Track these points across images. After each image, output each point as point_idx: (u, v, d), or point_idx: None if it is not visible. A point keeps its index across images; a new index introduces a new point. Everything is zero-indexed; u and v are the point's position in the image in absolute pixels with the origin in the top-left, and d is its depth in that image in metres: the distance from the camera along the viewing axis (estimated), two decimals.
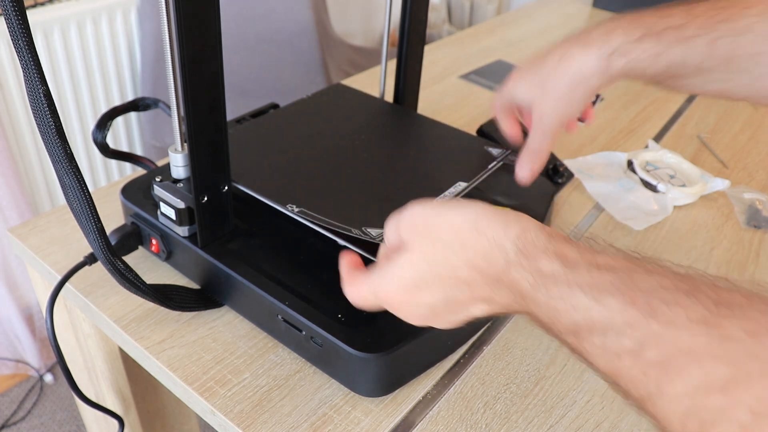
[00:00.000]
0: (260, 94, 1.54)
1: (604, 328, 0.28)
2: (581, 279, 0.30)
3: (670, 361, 0.26)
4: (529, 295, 0.32)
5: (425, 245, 0.35)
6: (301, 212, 0.49)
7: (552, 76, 0.49)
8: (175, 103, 0.47)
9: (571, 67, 0.48)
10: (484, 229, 0.34)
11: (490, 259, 0.33)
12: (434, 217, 0.36)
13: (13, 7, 0.34)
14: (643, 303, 0.27)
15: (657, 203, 0.71)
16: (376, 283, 0.38)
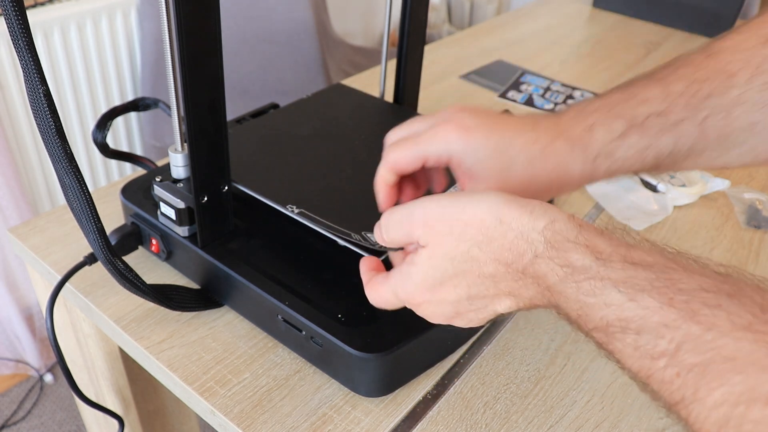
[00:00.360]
0: (260, 94, 1.54)
1: (639, 328, 0.27)
2: (615, 275, 0.29)
3: (709, 367, 0.24)
4: (556, 288, 0.31)
5: (446, 242, 0.34)
6: (301, 213, 0.49)
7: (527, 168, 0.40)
8: (175, 103, 0.47)
9: (558, 166, 0.40)
10: (509, 220, 0.32)
11: (516, 251, 0.32)
12: (452, 211, 0.34)
13: (13, 7, 0.34)
14: (683, 304, 0.26)
15: (657, 203, 0.71)
16: (397, 285, 0.37)
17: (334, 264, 0.51)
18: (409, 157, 0.42)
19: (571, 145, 0.39)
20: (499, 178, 0.40)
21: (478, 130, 0.40)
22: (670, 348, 0.26)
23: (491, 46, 1.17)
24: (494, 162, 0.39)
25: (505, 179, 0.40)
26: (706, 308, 0.26)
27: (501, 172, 0.39)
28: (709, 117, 0.37)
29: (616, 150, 0.39)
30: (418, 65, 0.70)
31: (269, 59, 1.55)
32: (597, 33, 1.27)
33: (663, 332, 0.26)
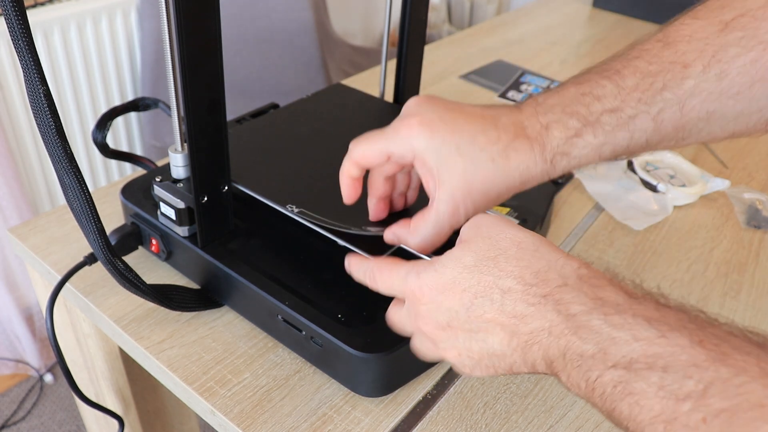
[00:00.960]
0: (260, 94, 1.54)
1: (666, 365, 0.26)
2: (647, 312, 0.28)
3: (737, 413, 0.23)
4: (579, 318, 0.30)
5: (482, 242, 0.35)
6: (301, 212, 0.49)
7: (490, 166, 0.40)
8: (175, 103, 0.47)
9: (520, 165, 0.40)
10: (545, 251, 0.33)
11: (541, 277, 0.32)
12: (499, 224, 0.35)
13: (13, 7, 0.34)
14: (713, 346, 0.25)
15: (657, 203, 0.71)
16: (411, 271, 0.37)
17: (334, 264, 0.51)
18: (373, 151, 0.42)
19: (530, 144, 0.40)
20: (462, 179, 0.39)
21: (441, 126, 0.40)
22: (697, 390, 0.25)
23: (491, 46, 1.17)
24: (456, 160, 0.39)
25: (469, 180, 0.39)
26: (737, 353, 0.25)
27: (464, 172, 0.39)
28: (664, 110, 0.37)
29: (572, 148, 0.39)
30: (418, 65, 0.70)
31: (269, 59, 1.55)
32: (597, 33, 1.27)
33: (691, 372, 0.25)
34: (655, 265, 0.63)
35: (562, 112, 0.39)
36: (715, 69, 0.35)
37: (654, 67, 0.37)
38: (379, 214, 0.48)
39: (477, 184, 0.40)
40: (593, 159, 0.40)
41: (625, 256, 0.64)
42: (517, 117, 0.41)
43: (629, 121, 0.38)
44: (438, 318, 0.36)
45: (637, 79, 0.37)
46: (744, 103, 0.35)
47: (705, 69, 0.35)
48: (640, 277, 0.61)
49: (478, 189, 0.40)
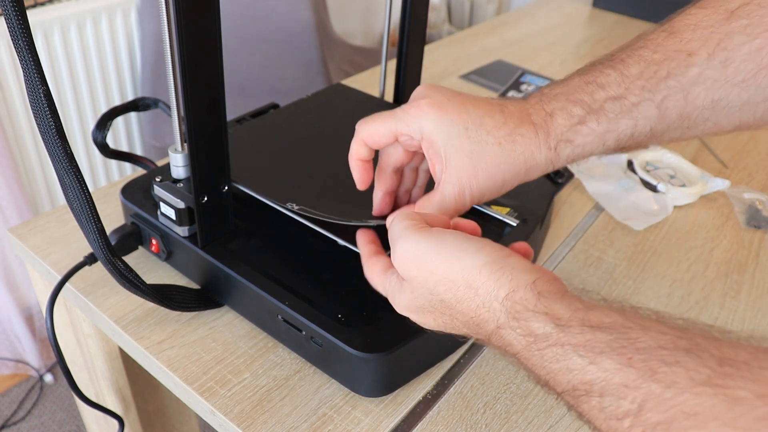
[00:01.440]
0: (260, 94, 1.54)
1: (601, 390, 0.27)
2: (575, 339, 0.29)
3: (672, 425, 0.24)
4: (523, 355, 0.31)
5: (423, 290, 0.35)
6: (301, 209, 0.49)
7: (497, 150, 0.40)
8: (175, 103, 0.47)
9: (525, 150, 0.40)
10: (477, 285, 0.33)
11: (481, 318, 0.33)
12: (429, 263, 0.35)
13: (13, 7, 0.34)
14: (641, 363, 0.26)
15: (657, 203, 0.71)
16: (388, 289, 0.39)
17: (334, 264, 0.51)
18: (382, 130, 0.42)
19: (535, 131, 0.40)
20: (469, 161, 0.40)
21: (450, 107, 0.40)
22: (633, 408, 0.26)
23: (491, 46, 1.17)
24: (464, 142, 0.40)
25: (475, 163, 0.40)
26: (665, 366, 0.26)
27: (471, 155, 0.40)
28: (668, 97, 0.36)
29: (575, 136, 0.39)
30: (418, 65, 0.70)
31: (269, 59, 1.55)
32: (597, 33, 1.27)
33: (625, 393, 0.26)
34: (655, 265, 0.63)
35: (566, 100, 0.40)
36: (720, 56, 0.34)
37: (658, 56, 0.37)
38: (384, 208, 0.48)
39: (483, 167, 0.40)
40: (597, 147, 0.39)
41: (625, 256, 0.64)
42: (523, 105, 0.41)
43: (633, 108, 0.37)
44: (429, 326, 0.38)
45: (641, 67, 0.37)
46: (749, 92, 0.34)
47: (710, 57, 0.35)
48: (631, 277, 0.62)
49: (485, 172, 0.40)
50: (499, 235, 0.55)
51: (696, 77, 0.35)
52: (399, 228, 0.37)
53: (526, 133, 0.40)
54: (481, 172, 0.40)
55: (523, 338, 0.31)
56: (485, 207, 0.57)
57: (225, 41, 0.43)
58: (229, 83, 0.46)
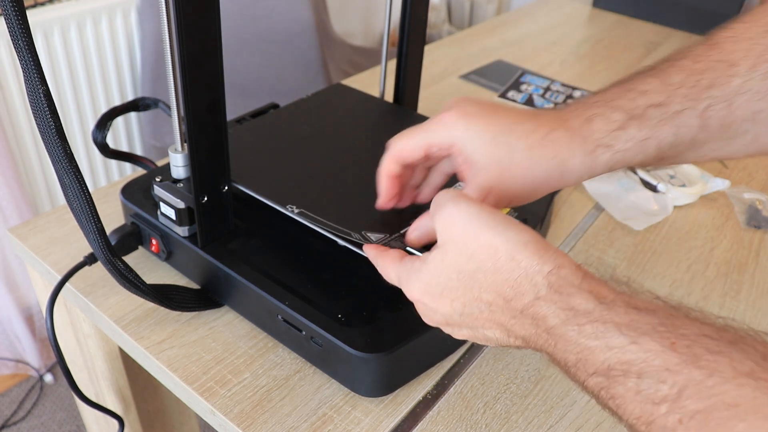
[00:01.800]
0: (260, 94, 1.54)
1: (640, 371, 0.27)
2: (618, 318, 0.29)
3: (711, 414, 0.24)
4: (557, 331, 0.31)
5: (459, 256, 0.34)
6: (301, 213, 0.49)
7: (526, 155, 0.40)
8: (175, 103, 0.47)
9: (558, 155, 0.39)
10: (520, 258, 0.33)
11: (518, 290, 0.32)
12: (473, 227, 0.34)
13: (13, 7, 0.34)
14: (685, 348, 0.26)
15: (657, 203, 0.71)
16: (402, 275, 0.38)
17: (334, 264, 0.51)
18: (413, 144, 0.42)
19: (570, 135, 0.39)
20: (499, 168, 0.39)
21: (480, 116, 0.40)
22: (672, 393, 0.26)
23: (491, 46, 1.17)
24: (494, 149, 0.39)
25: (505, 169, 0.39)
26: (709, 354, 0.26)
27: (501, 161, 0.39)
28: (710, 107, 0.36)
29: (615, 141, 0.39)
30: (418, 65, 0.70)
31: (269, 59, 1.55)
32: (597, 33, 1.27)
33: (665, 376, 0.26)
34: (655, 265, 0.63)
35: (605, 106, 0.39)
36: (762, 68, 0.35)
37: (700, 66, 0.37)
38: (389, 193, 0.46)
39: (512, 171, 0.40)
40: (637, 155, 0.39)
41: (625, 257, 0.64)
42: (558, 113, 0.41)
43: (675, 116, 0.37)
44: (436, 318, 0.37)
45: (684, 76, 0.37)
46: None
47: (752, 68, 0.35)
48: (633, 279, 0.62)
49: (513, 177, 0.39)
50: None
51: (738, 87, 0.35)
52: (448, 195, 0.36)
53: (559, 138, 0.39)
54: (508, 176, 0.39)
55: (563, 312, 0.30)
56: None
57: (225, 41, 0.43)
58: (229, 83, 0.46)
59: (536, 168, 0.40)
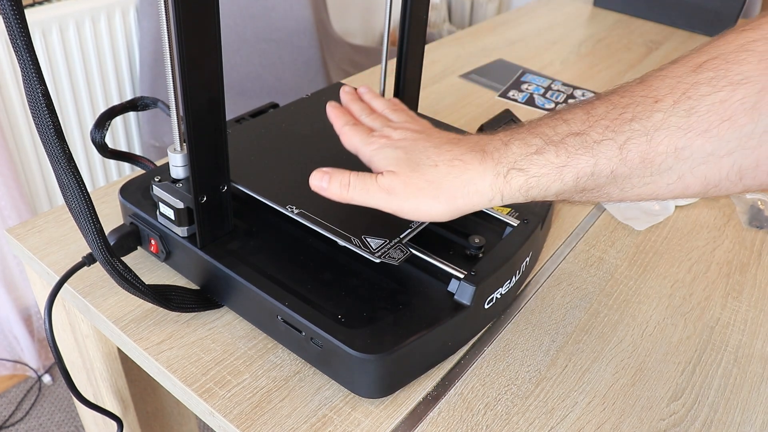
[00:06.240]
0: (260, 94, 1.53)
1: None
2: None
3: None
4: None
5: None
6: (300, 213, 0.49)
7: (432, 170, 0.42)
8: (174, 103, 0.47)
9: (464, 174, 0.41)
10: None
11: None
12: None
13: (11, 6, 0.34)
14: None
15: (659, 203, 0.71)
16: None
17: (334, 264, 0.51)
18: None
19: (481, 157, 0.41)
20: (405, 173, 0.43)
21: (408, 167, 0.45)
22: None
23: (492, 45, 1.17)
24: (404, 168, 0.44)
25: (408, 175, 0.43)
26: None
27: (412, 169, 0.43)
28: (631, 139, 0.36)
29: (530, 165, 0.39)
30: (418, 64, 0.70)
31: (269, 58, 1.54)
32: (598, 32, 1.27)
33: None
34: (656, 265, 0.63)
35: (527, 132, 0.41)
36: (685, 105, 0.35)
37: (625, 100, 0.37)
38: None
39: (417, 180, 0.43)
40: (554, 182, 0.39)
41: (626, 257, 0.64)
42: (483, 138, 0.43)
43: (594, 145, 0.37)
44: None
45: (608, 108, 0.38)
46: (713, 144, 0.34)
47: (675, 104, 0.35)
48: (642, 278, 0.61)
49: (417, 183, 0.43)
50: (500, 235, 0.55)
51: (660, 123, 0.35)
52: None
53: (469, 159, 0.42)
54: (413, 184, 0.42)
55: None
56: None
57: (224, 40, 0.43)
58: (228, 83, 0.46)
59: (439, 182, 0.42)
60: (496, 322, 0.54)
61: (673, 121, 0.35)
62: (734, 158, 0.34)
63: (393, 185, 0.43)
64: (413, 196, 0.43)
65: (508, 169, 0.40)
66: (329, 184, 0.46)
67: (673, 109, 0.35)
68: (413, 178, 0.43)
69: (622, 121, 0.36)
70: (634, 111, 0.36)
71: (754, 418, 0.48)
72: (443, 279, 0.49)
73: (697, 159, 0.35)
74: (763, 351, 0.54)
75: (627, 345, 0.53)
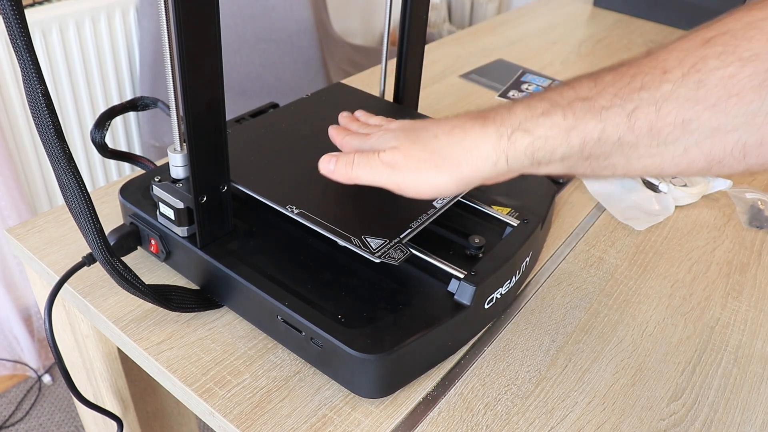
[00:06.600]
0: (260, 94, 1.53)
1: None
2: None
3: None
4: None
5: None
6: (300, 213, 0.49)
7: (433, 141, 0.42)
8: (174, 103, 0.47)
9: (466, 139, 0.41)
10: None
11: None
12: None
13: (11, 6, 0.34)
14: None
15: (659, 203, 0.71)
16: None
17: (334, 264, 0.51)
18: None
19: (483, 122, 0.41)
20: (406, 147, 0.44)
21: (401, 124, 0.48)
22: None
23: (492, 45, 1.17)
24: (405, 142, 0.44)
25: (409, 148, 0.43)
26: None
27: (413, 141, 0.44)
28: (639, 108, 0.36)
29: (536, 127, 0.39)
30: (418, 64, 0.70)
31: (269, 58, 1.54)
32: (598, 32, 1.27)
33: None
34: (656, 265, 0.63)
35: (531, 98, 0.40)
36: (694, 77, 0.35)
37: (633, 70, 0.37)
38: None
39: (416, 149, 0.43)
40: (559, 146, 0.38)
41: (626, 257, 0.64)
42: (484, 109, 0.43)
43: (602, 111, 0.37)
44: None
45: (615, 77, 0.37)
46: (720, 118, 0.34)
47: (684, 76, 0.35)
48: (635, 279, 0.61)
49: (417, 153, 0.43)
50: (500, 236, 0.54)
51: (669, 93, 0.35)
52: None
53: (470, 126, 0.41)
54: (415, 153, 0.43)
55: None
56: (486, 207, 0.57)
57: (224, 40, 0.43)
58: (228, 83, 0.46)
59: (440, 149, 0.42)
60: (496, 322, 0.54)
61: (681, 92, 0.35)
62: (739, 134, 0.34)
63: (395, 159, 0.43)
64: (416, 169, 0.42)
65: (512, 131, 0.39)
66: (336, 166, 0.46)
67: (682, 80, 0.35)
68: (414, 149, 0.43)
69: (631, 90, 0.36)
70: (643, 80, 0.36)
71: (754, 418, 0.48)
72: (443, 279, 0.49)
73: (704, 132, 0.35)
74: (763, 351, 0.54)
75: (627, 345, 0.53)
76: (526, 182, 0.63)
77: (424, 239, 0.50)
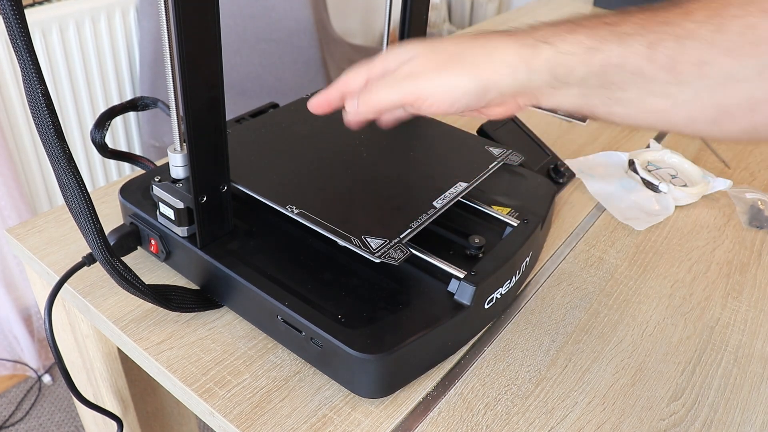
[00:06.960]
0: (260, 94, 1.53)
1: None
2: None
3: None
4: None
5: None
6: (300, 213, 0.49)
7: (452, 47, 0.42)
8: (174, 103, 0.47)
9: (486, 44, 0.41)
10: None
11: None
12: None
13: (11, 6, 0.34)
14: None
15: (659, 203, 0.71)
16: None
17: (334, 264, 0.51)
18: None
19: (508, 34, 0.41)
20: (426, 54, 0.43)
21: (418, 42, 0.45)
22: None
23: None
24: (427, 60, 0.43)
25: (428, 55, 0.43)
26: None
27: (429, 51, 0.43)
28: (661, 40, 0.37)
29: (561, 42, 0.39)
30: None
31: (269, 58, 1.54)
32: None
33: None
34: (656, 265, 0.63)
35: (556, 21, 0.41)
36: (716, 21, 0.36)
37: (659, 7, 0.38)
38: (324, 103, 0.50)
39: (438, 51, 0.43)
40: (580, 65, 0.39)
41: (626, 257, 0.64)
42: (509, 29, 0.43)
43: (625, 37, 0.38)
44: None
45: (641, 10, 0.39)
46: (734, 66, 0.35)
47: (706, 18, 0.36)
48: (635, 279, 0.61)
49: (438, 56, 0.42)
50: (500, 235, 0.54)
51: (690, 32, 0.36)
52: None
53: (493, 36, 0.42)
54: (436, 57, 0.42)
55: None
56: (486, 207, 0.57)
57: (224, 40, 0.43)
58: (228, 83, 0.46)
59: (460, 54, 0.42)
60: (496, 322, 0.54)
61: (702, 33, 0.36)
62: (750, 86, 0.35)
63: (415, 68, 0.43)
64: (437, 75, 0.42)
65: (536, 41, 0.40)
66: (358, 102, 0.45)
67: (704, 23, 0.36)
68: (433, 55, 0.43)
69: (655, 23, 0.37)
70: (666, 16, 0.37)
71: (754, 418, 0.48)
72: (443, 279, 0.49)
73: (717, 79, 0.36)
74: (763, 351, 0.54)
75: (627, 345, 0.53)
76: (526, 182, 0.63)
77: (424, 239, 0.50)
